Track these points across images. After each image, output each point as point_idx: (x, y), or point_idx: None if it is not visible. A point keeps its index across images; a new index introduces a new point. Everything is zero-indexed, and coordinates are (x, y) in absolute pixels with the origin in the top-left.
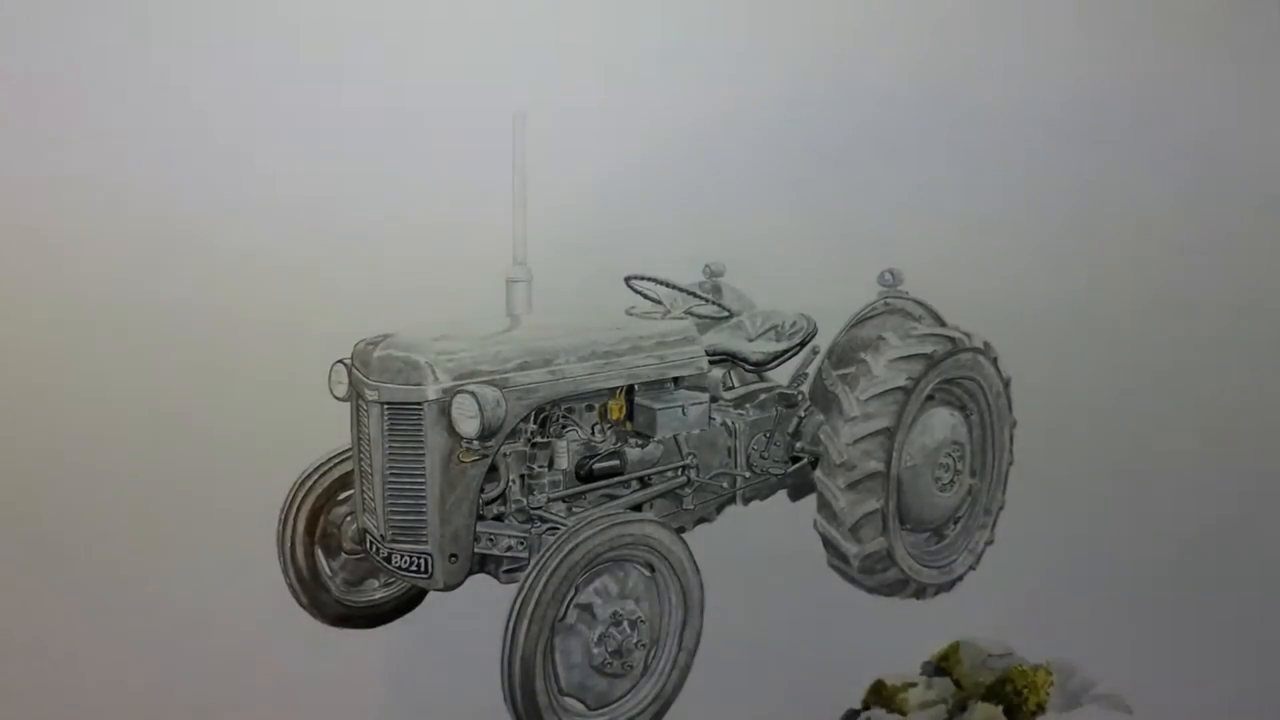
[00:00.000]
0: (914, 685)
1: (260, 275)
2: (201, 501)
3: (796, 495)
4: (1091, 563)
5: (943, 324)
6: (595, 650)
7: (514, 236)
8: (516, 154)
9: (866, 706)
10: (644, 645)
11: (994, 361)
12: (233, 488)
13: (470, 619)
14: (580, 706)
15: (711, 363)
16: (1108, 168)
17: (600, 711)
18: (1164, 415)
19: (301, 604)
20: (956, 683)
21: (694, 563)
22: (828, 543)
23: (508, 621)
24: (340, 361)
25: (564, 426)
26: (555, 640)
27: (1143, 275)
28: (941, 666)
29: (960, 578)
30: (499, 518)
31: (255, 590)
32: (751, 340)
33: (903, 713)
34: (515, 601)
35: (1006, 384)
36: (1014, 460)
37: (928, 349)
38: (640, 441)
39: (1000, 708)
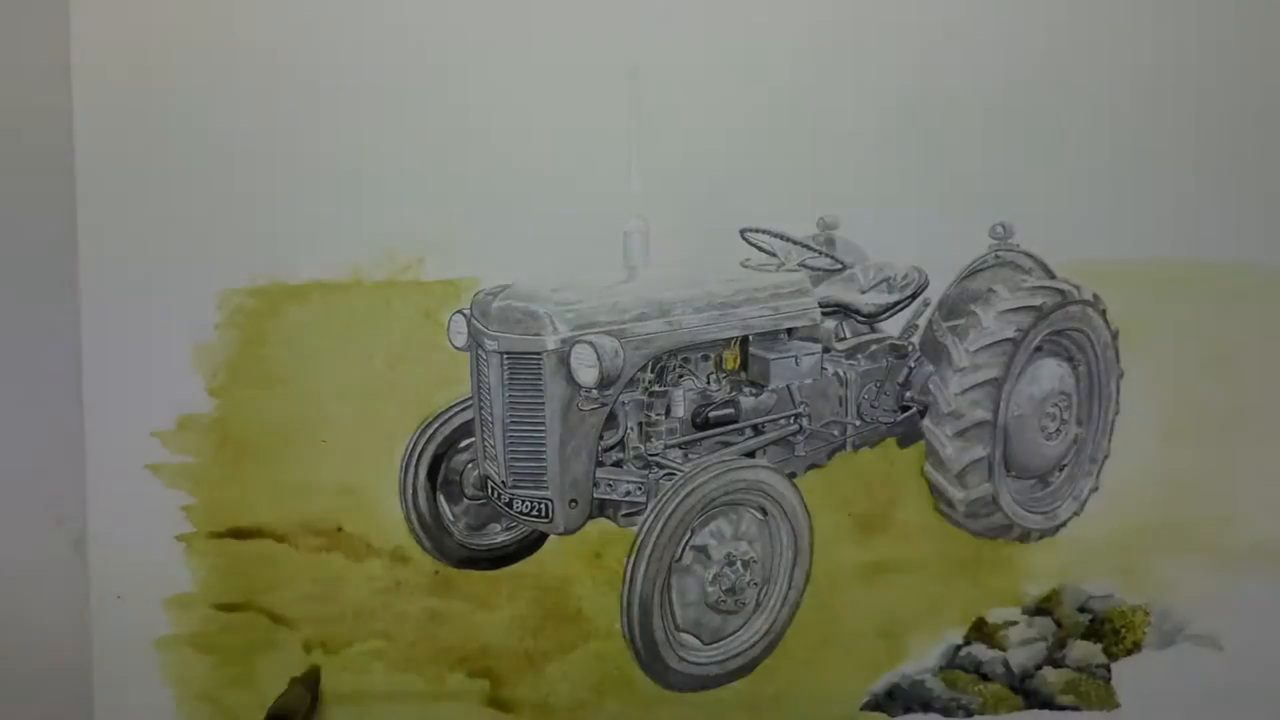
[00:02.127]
0: (1015, 624)
1: (379, 230)
2: (322, 453)
3: (905, 443)
4: (1192, 511)
5: (1052, 276)
6: (710, 589)
7: (631, 188)
8: (632, 107)
9: (968, 641)
10: (756, 584)
11: (1103, 314)
12: (353, 438)
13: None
14: (695, 641)
15: (824, 314)
16: (1229, 127)
17: (714, 645)
18: (1265, 368)
19: (425, 548)
20: (1057, 622)
21: (805, 506)
22: (934, 488)
23: (627, 563)
24: (459, 312)
25: (680, 376)
26: (672, 580)
27: (1254, 237)
28: (1043, 606)
29: (1064, 523)
30: (617, 464)
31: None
32: (864, 292)
33: (1003, 649)
34: (634, 544)
35: (1115, 336)
36: (1120, 410)
37: (1037, 301)
38: (754, 390)
39: (1099, 646)
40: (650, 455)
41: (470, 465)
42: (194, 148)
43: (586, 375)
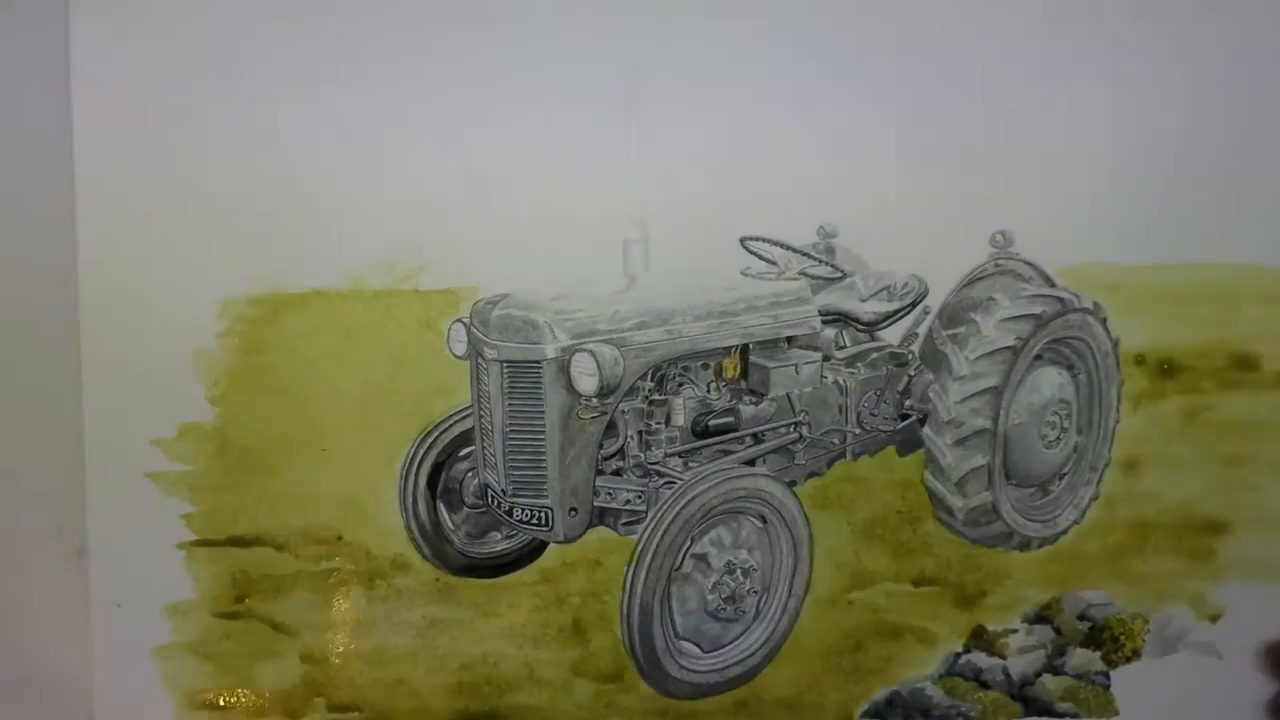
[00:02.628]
0: (1014, 631)
1: (379, 239)
2: (322, 462)
3: (905, 451)
4: (1193, 519)
5: (1052, 284)
6: (710, 597)
7: (630, 196)
8: (632, 115)
9: (967, 649)
10: (756, 592)
11: (1103, 322)
12: (353, 447)
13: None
14: (695, 650)
15: (824, 322)
16: (1229, 129)
17: (714, 654)
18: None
19: (425, 556)
20: (1057, 630)
21: (804, 514)
22: (934, 496)
23: (627, 571)
24: (459, 320)
25: (680, 384)
26: (672, 588)
27: (1254, 243)
28: (1043, 614)
29: (1065, 531)
30: (617, 472)
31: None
32: (864, 300)
33: (1002, 656)
34: (634, 552)
35: (1115, 344)
36: (1120, 419)
37: (1037, 309)
38: (754, 399)
39: (1098, 653)
40: (650, 464)
41: (470, 474)
42: (194, 156)
43: (586, 384)
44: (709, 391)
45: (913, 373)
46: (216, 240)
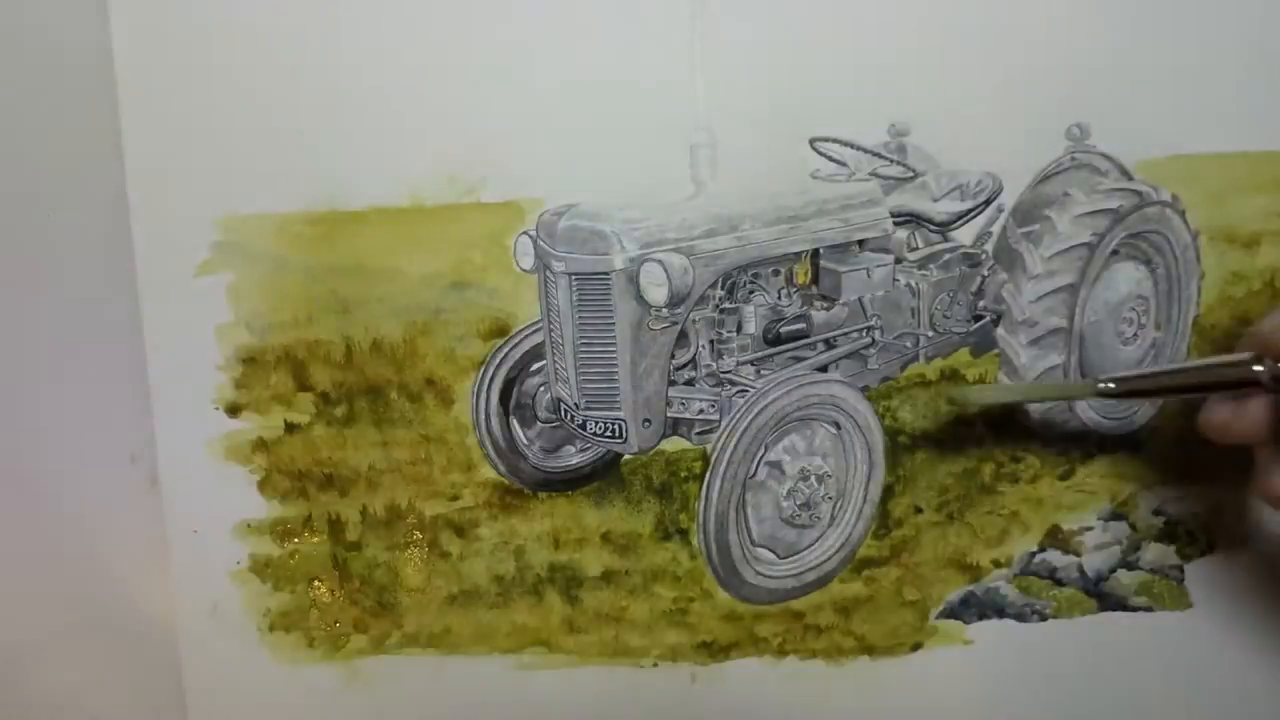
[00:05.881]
0: (1090, 529)
1: (438, 152)
2: (389, 384)
3: (978, 353)
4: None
5: (1130, 178)
6: (784, 504)
7: (695, 99)
8: (695, 14)
9: (1043, 549)
10: (830, 498)
11: (1182, 215)
12: (420, 367)
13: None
14: (771, 556)
15: (896, 224)
16: None
17: (790, 559)
18: None
19: (500, 472)
20: (1132, 526)
21: (879, 419)
22: None
23: (702, 480)
24: (525, 233)
25: (751, 292)
26: (747, 496)
27: None
28: (1119, 511)
29: (1141, 427)
30: (690, 382)
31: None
32: (936, 200)
33: (1078, 554)
34: (709, 461)
35: (1195, 237)
36: (1200, 313)
37: (1113, 204)
38: (826, 304)
39: (1173, 548)
40: (723, 373)
41: (542, 388)
42: (246, 76)
43: (656, 294)
44: (780, 298)
45: (986, 273)
46: (270, 159)
